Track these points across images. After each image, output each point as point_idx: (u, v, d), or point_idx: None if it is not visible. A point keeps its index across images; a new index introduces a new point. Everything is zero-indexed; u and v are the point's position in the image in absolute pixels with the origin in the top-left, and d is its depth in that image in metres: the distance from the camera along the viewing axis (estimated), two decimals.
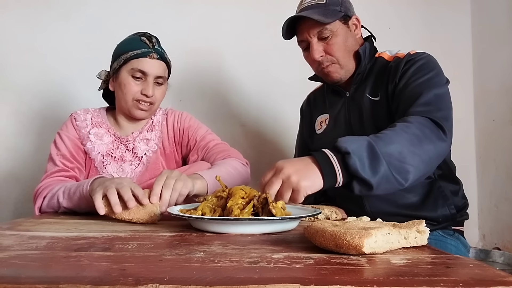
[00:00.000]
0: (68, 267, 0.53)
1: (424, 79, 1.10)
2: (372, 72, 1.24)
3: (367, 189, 0.90)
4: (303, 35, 1.22)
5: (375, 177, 0.88)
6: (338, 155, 0.88)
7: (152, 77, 1.30)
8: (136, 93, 1.30)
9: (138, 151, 1.36)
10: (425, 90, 1.07)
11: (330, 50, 1.21)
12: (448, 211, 1.17)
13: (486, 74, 1.97)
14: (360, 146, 0.89)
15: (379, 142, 0.91)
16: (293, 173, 0.85)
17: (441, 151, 1.01)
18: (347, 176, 0.89)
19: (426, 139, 0.96)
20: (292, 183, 0.85)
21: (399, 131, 0.95)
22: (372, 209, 1.18)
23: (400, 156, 0.91)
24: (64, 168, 1.28)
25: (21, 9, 1.93)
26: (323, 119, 1.35)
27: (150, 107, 1.33)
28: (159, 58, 1.31)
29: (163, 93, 1.36)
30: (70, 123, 1.36)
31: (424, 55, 1.17)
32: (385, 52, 1.25)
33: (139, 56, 1.28)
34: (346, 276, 0.48)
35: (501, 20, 1.86)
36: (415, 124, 0.97)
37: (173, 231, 0.82)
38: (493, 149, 1.90)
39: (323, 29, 1.18)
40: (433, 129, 0.99)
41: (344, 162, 0.87)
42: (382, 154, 0.89)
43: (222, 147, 1.37)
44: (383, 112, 1.18)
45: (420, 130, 0.96)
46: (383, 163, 0.88)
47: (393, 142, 0.92)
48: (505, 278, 0.47)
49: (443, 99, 1.08)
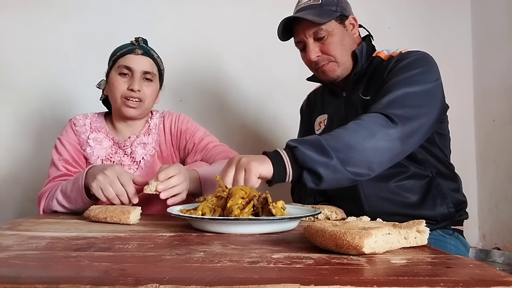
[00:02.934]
0: (68, 267, 0.53)
1: (403, 77, 1.09)
2: (367, 71, 1.24)
3: (317, 181, 0.94)
4: (299, 36, 1.22)
5: (323, 167, 0.93)
6: (287, 150, 0.96)
7: (139, 73, 1.31)
8: (124, 90, 1.30)
9: (136, 156, 1.36)
10: (395, 88, 1.07)
11: (326, 50, 1.21)
12: (446, 210, 1.17)
13: (486, 74, 1.97)
14: (307, 141, 0.96)
15: (328, 137, 0.97)
16: (243, 157, 0.93)
17: (392, 146, 1.00)
18: (297, 168, 0.94)
19: (377, 131, 0.98)
20: (243, 164, 0.91)
21: (349, 128, 0.99)
22: (371, 209, 1.18)
23: (348, 150, 0.95)
24: (67, 172, 1.29)
25: (20, 9, 1.93)
26: (322, 120, 1.35)
27: (139, 104, 1.32)
28: (144, 54, 1.33)
29: (153, 90, 1.35)
30: (70, 128, 1.37)
31: (416, 54, 1.16)
32: (382, 52, 1.25)
33: (125, 53, 1.32)
34: (346, 276, 0.48)
35: (501, 20, 1.86)
36: (365, 120, 1.00)
37: (173, 231, 0.82)
38: (493, 149, 1.90)
39: (318, 30, 1.18)
40: (383, 122, 1.00)
41: (293, 154, 0.94)
42: (330, 147, 0.94)
43: (221, 148, 1.37)
44: None
45: (371, 126, 0.99)
46: (331, 155, 0.93)
47: (342, 137, 0.97)
48: (505, 278, 0.47)
49: (413, 97, 1.05)
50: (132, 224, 0.91)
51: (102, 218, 0.93)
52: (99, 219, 0.94)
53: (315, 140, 0.96)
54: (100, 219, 0.93)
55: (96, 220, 0.94)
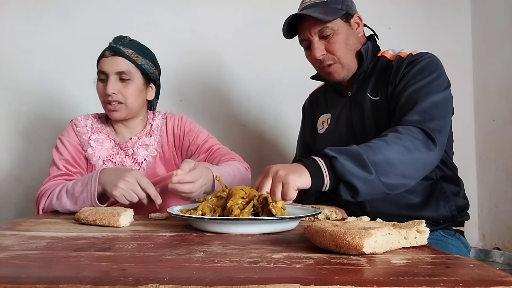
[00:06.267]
0: (68, 267, 0.53)
1: (423, 83, 1.10)
2: (374, 71, 1.23)
3: (354, 194, 0.94)
4: (304, 33, 1.21)
5: (361, 182, 0.92)
6: (326, 159, 0.93)
7: (112, 75, 1.29)
8: (104, 95, 1.30)
9: (138, 157, 1.36)
10: (422, 97, 1.07)
11: (332, 49, 1.20)
12: (449, 212, 1.17)
13: (486, 74, 1.97)
14: (347, 152, 0.93)
15: (367, 150, 0.95)
16: (280, 168, 0.90)
17: (429, 161, 1.04)
18: (335, 180, 0.92)
19: (416, 151, 0.99)
20: (281, 177, 0.88)
21: (390, 142, 0.98)
22: (373, 210, 1.17)
23: (388, 165, 0.95)
24: (67, 172, 1.29)
25: (21, 8, 1.93)
26: (325, 119, 1.34)
27: (120, 106, 1.31)
28: (114, 54, 1.30)
29: (133, 89, 1.31)
30: (71, 129, 1.37)
31: (427, 56, 1.16)
32: (387, 51, 1.24)
33: (99, 58, 1.33)
34: (346, 276, 0.48)
35: (501, 20, 1.86)
36: (406, 135, 1.00)
37: (173, 231, 0.82)
38: (493, 149, 1.90)
39: (324, 28, 1.18)
40: (424, 141, 1.01)
41: (332, 165, 0.92)
42: (370, 162, 0.92)
43: (225, 150, 1.38)
44: (383, 112, 1.17)
45: (411, 141, 0.99)
46: (371, 170, 0.92)
47: (382, 152, 0.95)
48: (505, 278, 0.47)
49: (439, 107, 1.07)
50: (123, 227, 0.89)
51: (92, 221, 0.91)
52: (89, 222, 0.91)
53: (355, 152, 0.94)
54: (89, 221, 0.91)
55: (86, 222, 0.92)
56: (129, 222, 0.92)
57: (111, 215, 0.90)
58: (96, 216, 0.91)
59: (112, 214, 0.90)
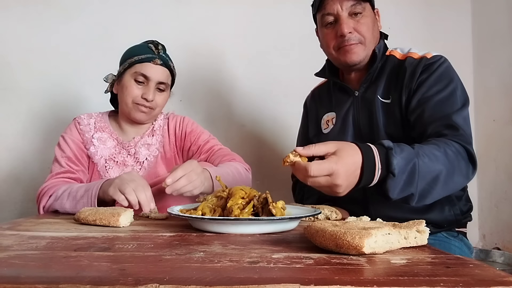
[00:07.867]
0: (68, 267, 0.53)
1: (447, 93, 1.08)
2: (383, 71, 1.19)
3: (385, 199, 0.91)
4: (333, 6, 1.15)
5: (400, 192, 0.90)
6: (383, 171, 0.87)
7: (154, 82, 1.31)
8: (137, 97, 1.31)
9: (139, 156, 1.37)
10: (455, 112, 1.05)
11: (360, 28, 1.15)
12: (453, 216, 1.15)
13: (486, 74, 1.97)
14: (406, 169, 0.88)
15: (423, 163, 0.91)
16: (341, 184, 0.82)
17: (463, 185, 1.04)
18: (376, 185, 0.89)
19: (460, 174, 0.98)
20: (332, 193, 0.85)
21: (439, 158, 0.94)
22: (377, 213, 1.14)
23: (433, 182, 0.93)
24: (70, 169, 1.29)
25: (21, 8, 1.93)
26: (330, 118, 1.29)
27: (150, 111, 1.34)
28: (163, 65, 1.32)
29: (164, 99, 1.37)
30: (74, 127, 1.37)
31: (442, 61, 1.13)
32: (396, 50, 1.21)
33: (143, 61, 1.30)
34: (346, 276, 0.48)
35: (501, 20, 1.86)
36: (455, 153, 0.97)
37: (173, 231, 0.82)
38: (493, 149, 1.90)
39: (357, 3, 1.14)
40: (467, 163, 1.00)
41: (385, 180, 0.88)
42: (419, 177, 0.89)
43: (227, 151, 1.39)
44: (395, 116, 1.14)
45: (458, 161, 0.97)
46: (415, 186, 0.90)
47: (435, 165, 0.92)
48: (505, 278, 0.47)
49: (467, 121, 1.07)
50: (123, 227, 0.88)
51: (92, 221, 0.90)
52: (89, 222, 0.91)
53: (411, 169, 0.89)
54: (89, 221, 0.91)
55: (85, 222, 0.92)
56: (129, 222, 0.92)
57: (111, 215, 0.89)
58: (96, 216, 0.90)
59: (112, 214, 0.90)
